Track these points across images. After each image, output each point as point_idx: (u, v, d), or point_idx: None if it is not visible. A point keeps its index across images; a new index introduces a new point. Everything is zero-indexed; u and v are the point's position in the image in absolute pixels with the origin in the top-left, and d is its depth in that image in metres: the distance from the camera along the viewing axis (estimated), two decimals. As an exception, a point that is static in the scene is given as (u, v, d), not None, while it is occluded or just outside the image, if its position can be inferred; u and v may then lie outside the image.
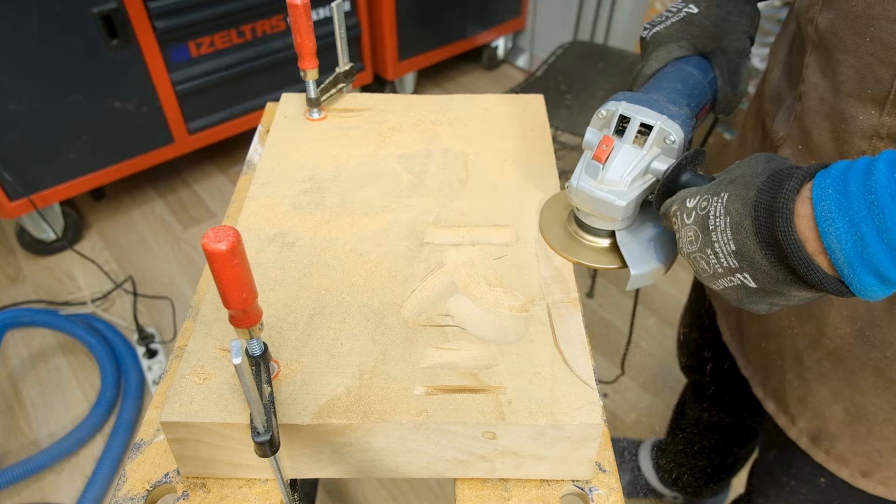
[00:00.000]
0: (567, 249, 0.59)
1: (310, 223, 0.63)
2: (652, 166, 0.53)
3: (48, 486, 1.40)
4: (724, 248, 0.43)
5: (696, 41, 0.59)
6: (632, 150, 0.53)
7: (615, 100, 0.54)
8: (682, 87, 0.56)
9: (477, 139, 0.74)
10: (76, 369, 1.63)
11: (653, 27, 0.60)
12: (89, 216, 2.07)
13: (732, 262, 0.43)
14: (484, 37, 2.59)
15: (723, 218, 0.43)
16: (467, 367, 0.49)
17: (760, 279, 0.42)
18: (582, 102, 1.71)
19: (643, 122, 0.52)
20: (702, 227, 0.45)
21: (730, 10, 0.59)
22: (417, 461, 0.48)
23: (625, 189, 0.53)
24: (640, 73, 0.60)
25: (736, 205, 0.42)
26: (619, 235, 0.57)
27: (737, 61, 0.59)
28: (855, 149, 0.54)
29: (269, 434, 0.41)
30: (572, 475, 0.49)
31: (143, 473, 0.49)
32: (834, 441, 0.66)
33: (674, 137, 0.51)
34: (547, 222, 0.62)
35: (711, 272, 0.45)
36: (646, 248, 0.57)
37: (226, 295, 0.39)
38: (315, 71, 0.74)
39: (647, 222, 0.58)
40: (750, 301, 0.45)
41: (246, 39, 1.93)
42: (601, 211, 0.54)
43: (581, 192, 0.54)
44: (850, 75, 0.53)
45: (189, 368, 0.49)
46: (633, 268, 0.55)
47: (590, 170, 0.54)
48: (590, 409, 0.46)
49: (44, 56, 1.59)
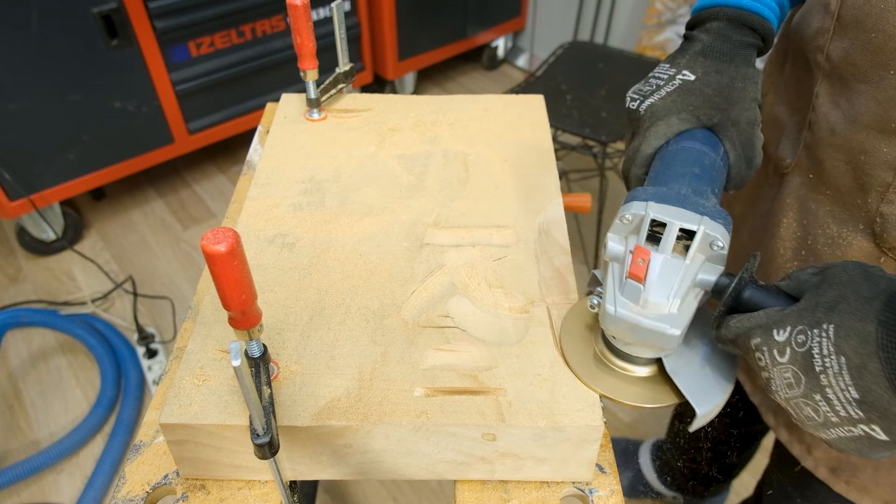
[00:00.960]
0: (600, 383, 0.48)
1: (310, 224, 0.62)
2: (699, 278, 0.44)
3: (48, 486, 1.40)
4: (840, 395, 0.36)
5: (700, 113, 0.51)
6: (673, 263, 0.44)
7: (637, 199, 0.45)
8: (700, 170, 0.48)
9: (477, 139, 0.74)
10: (76, 369, 1.63)
11: (644, 98, 0.52)
12: (89, 216, 2.06)
13: (854, 412, 0.36)
14: (484, 37, 2.59)
15: (834, 358, 0.35)
16: (467, 369, 0.49)
17: (895, 431, 0.35)
18: (582, 102, 1.71)
19: (682, 227, 0.43)
20: (804, 369, 0.37)
21: (732, 76, 0.51)
22: (417, 463, 0.48)
23: (675, 312, 0.43)
24: (638, 153, 0.52)
25: (852, 342, 0.35)
26: (667, 364, 0.47)
27: (749, 133, 0.51)
28: (877, 181, 0.53)
29: (268, 436, 0.40)
30: (572, 477, 0.49)
31: (142, 475, 0.49)
32: (855, 472, 0.65)
33: (721, 242, 0.43)
34: (569, 344, 0.51)
35: (821, 420, 0.38)
36: (702, 375, 0.47)
37: (225, 296, 0.39)
38: (315, 71, 0.74)
39: (692, 339, 0.49)
40: (873, 451, 0.38)
41: (246, 39, 1.93)
42: (649, 341, 0.45)
43: (622, 321, 0.44)
44: (870, 107, 0.51)
45: (188, 370, 0.49)
46: (699, 406, 0.45)
47: (628, 292, 0.44)
48: (590, 410, 0.46)
49: (44, 56, 1.59)
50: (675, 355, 0.48)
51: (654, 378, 0.49)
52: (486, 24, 2.55)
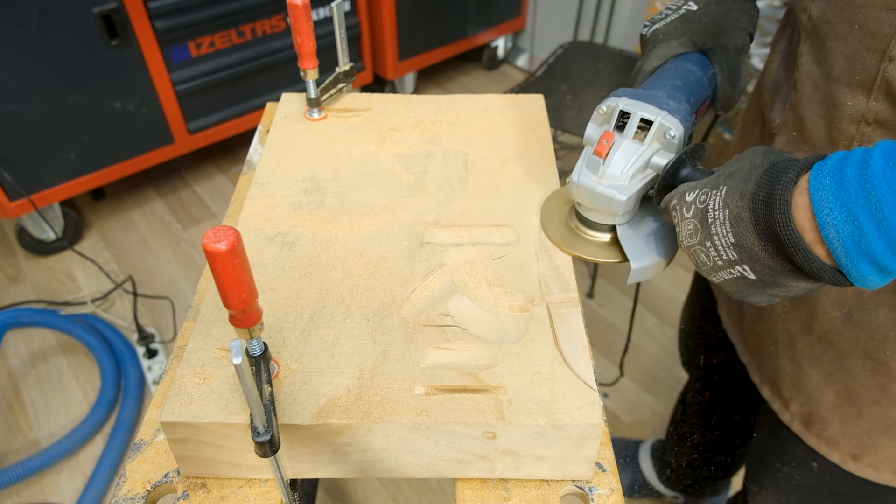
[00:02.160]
0: (568, 244, 0.59)
1: (310, 223, 0.63)
2: (652, 161, 0.53)
3: (48, 486, 1.40)
4: (723, 240, 0.43)
5: (696, 38, 0.59)
6: (632, 146, 0.53)
7: (615, 95, 0.55)
8: (682, 83, 0.57)
9: (477, 139, 0.74)
10: (76, 369, 1.63)
11: (652, 24, 0.61)
12: (89, 216, 2.07)
13: (732, 254, 0.43)
14: (484, 37, 2.59)
15: (721, 211, 0.43)
16: (467, 367, 0.49)
17: (759, 270, 0.42)
18: (582, 102, 1.71)
19: (643, 117, 0.52)
20: (701, 221, 0.45)
21: (729, 8, 0.59)
22: (417, 461, 0.48)
23: (625, 184, 0.53)
24: (639, 70, 0.61)
25: (734, 197, 0.42)
26: (619, 230, 0.58)
27: (736, 58, 0.59)
28: (844, 134, 0.55)
29: (269, 434, 0.41)
30: (572, 475, 0.49)
31: (143, 473, 0.49)
32: (825, 424, 0.67)
33: (674, 132, 0.52)
34: (548, 218, 0.62)
35: (711, 265, 0.46)
36: (646, 243, 0.57)
37: (226, 295, 0.39)
38: (315, 71, 0.74)
39: (647, 217, 0.58)
40: (750, 293, 0.45)
41: (246, 39, 1.93)
42: (602, 206, 0.55)
43: (582, 187, 0.55)
44: (839, 62, 0.54)
45: (189, 368, 0.49)
46: (634, 262, 0.56)
47: (590, 165, 0.55)
48: (590, 409, 0.46)
49: (44, 56, 1.59)
50: (627, 226, 0.58)
51: (611, 244, 0.59)
52: (486, 24, 2.55)
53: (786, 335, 0.68)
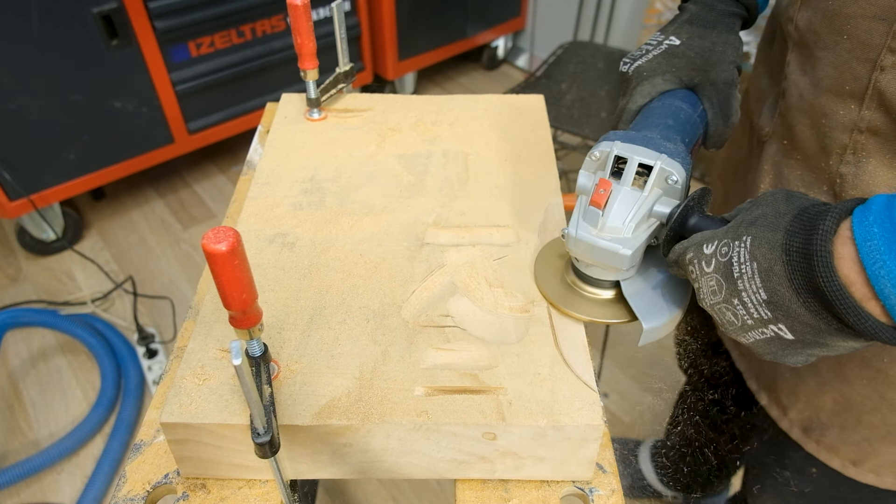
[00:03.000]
0: (567, 304, 0.54)
1: (310, 223, 0.62)
2: (655, 209, 0.49)
3: (48, 486, 1.40)
4: (753, 297, 0.40)
5: (682, 74, 0.57)
6: (632, 193, 0.49)
7: (607, 140, 0.51)
8: (674, 122, 0.53)
9: (477, 139, 0.74)
10: (76, 369, 1.63)
11: (633, 61, 0.58)
12: (89, 216, 2.06)
13: (764, 312, 0.40)
14: (484, 37, 2.59)
15: (748, 264, 0.39)
16: (467, 368, 0.49)
17: (799, 330, 0.39)
18: (582, 102, 1.71)
19: (642, 162, 0.49)
20: (725, 276, 0.41)
21: (713, 41, 0.57)
22: (418, 462, 0.48)
23: (629, 236, 0.49)
24: (625, 109, 0.58)
25: (762, 249, 0.39)
26: (624, 286, 0.53)
27: (726, 92, 0.56)
28: (836, 143, 0.55)
29: (269, 435, 0.40)
30: (573, 476, 0.49)
31: (143, 474, 0.49)
32: (824, 431, 0.67)
33: (676, 177, 0.48)
34: (542, 273, 0.57)
35: (740, 324, 0.42)
36: (655, 298, 0.53)
37: (226, 296, 0.39)
38: (315, 71, 0.74)
39: (651, 268, 0.54)
40: (785, 353, 0.41)
41: (246, 39, 1.93)
42: (605, 261, 0.50)
43: (581, 241, 0.50)
44: (828, 72, 0.53)
45: (189, 369, 0.49)
46: (646, 321, 0.51)
47: (588, 217, 0.50)
48: (590, 409, 0.46)
49: (44, 56, 1.59)
50: (632, 281, 0.53)
51: (615, 301, 0.55)
52: (486, 24, 2.55)
53: None
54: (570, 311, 0.53)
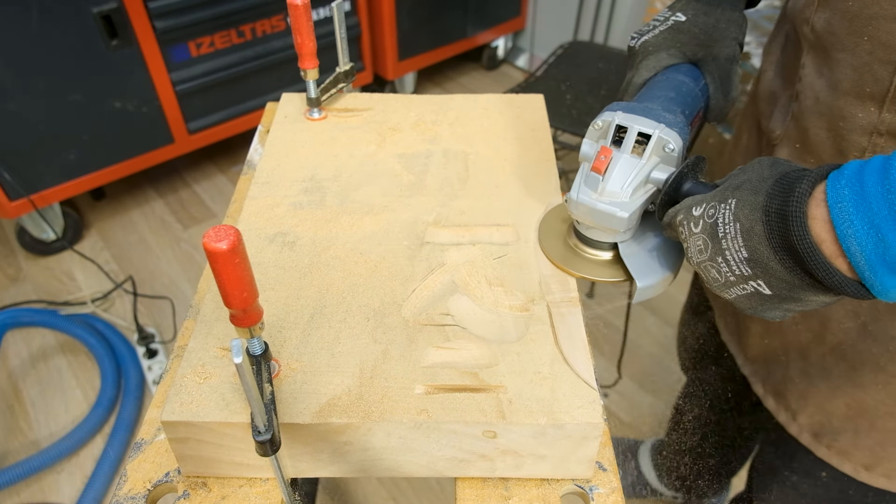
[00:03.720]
0: (568, 263, 0.58)
1: (310, 223, 0.63)
2: (652, 176, 0.52)
3: (48, 486, 1.40)
4: (735, 255, 0.42)
5: (686, 49, 0.59)
6: (631, 160, 0.52)
7: (610, 110, 0.53)
8: (676, 94, 0.56)
9: (477, 139, 0.74)
10: (76, 369, 1.63)
11: (640, 36, 0.60)
12: (89, 216, 2.07)
13: (745, 269, 0.42)
14: (484, 37, 2.60)
15: (732, 224, 0.42)
16: (468, 367, 0.49)
17: (776, 285, 0.41)
18: (582, 102, 1.71)
19: (641, 131, 0.51)
20: (711, 236, 0.44)
21: (717, 18, 0.59)
22: (418, 460, 0.48)
23: (626, 200, 0.52)
24: (630, 83, 0.59)
25: (745, 210, 0.41)
26: (621, 247, 0.56)
27: (727, 68, 0.58)
28: (854, 145, 0.55)
29: (269, 433, 0.41)
30: (573, 474, 0.49)
31: (143, 473, 0.49)
32: (836, 436, 0.67)
33: (672, 145, 0.51)
34: (546, 236, 0.60)
35: (723, 281, 0.44)
36: (650, 259, 0.55)
37: (227, 294, 0.39)
38: (315, 71, 0.74)
39: (648, 232, 0.57)
40: (764, 308, 0.44)
41: (246, 39, 1.93)
42: (603, 223, 0.53)
43: (581, 204, 0.53)
44: (848, 74, 0.53)
45: (190, 368, 0.49)
46: (639, 280, 0.54)
47: (589, 182, 0.53)
48: (590, 408, 0.46)
49: (44, 56, 1.60)
50: (629, 243, 0.56)
51: (613, 262, 0.58)
52: (486, 24, 2.55)
53: (797, 346, 0.67)
54: (571, 270, 0.57)
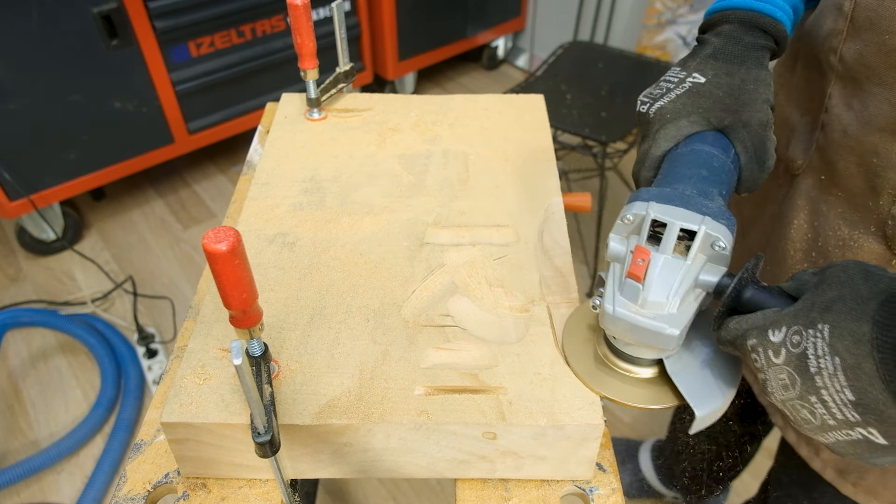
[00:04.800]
0: (601, 384, 0.48)
1: (310, 223, 0.62)
2: (700, 279, 0.43)
3: (48, 486, 1.40)
4: (836, 396, 0.35)
5: (710, 115, 0.50)
6: (674, 263, 0.43)
7: (640, 200, 0.45)
8: (708, 172, 0.47)
9: (477, 139, 0.74)
10: (76, 369, 1.63)
11: (653, 101, 0.52)
12: (89, 216, 2.06)
13: (851, 414, 0.35)
14: (484, 37, 2.59)
15: (829, 359, 0.35)
16: (468, 368, 0.49)
17: (894, 435, 0.34)
18: (582, 102, 1.71)
19: (683, 227, 0.43)
20: (799, 370, 0.37)
21: (743, 78, 0.51)
22: (418, 461, 0.48)
23: (674, 312, 0.43)
24: (648, 155, 0.51)
25: (846, 342, 0.34)
26: (668, 364, 0.47)
27: (761, 135, 0.50)
28: (889, 183, 0.53)
29: (269, 434, 0.41)
30: (573, 475, 0.49)
31: (143, 473, 0.49)
32: (863, 474, 0.64)
33: (724, 243, 0.43)
34: (571, 346, 0.51)
35: (819, 423, 0.37)
36: (704, 377, 0.47)
37: (226, 295, 0.39)
38: (315, 71, 0.74)
39: (695, 341, 0.48)
40: (874, 456, 0.37)
41: (246, 39, 1.93)
42: (648, 341, 0.44)
43: (620, 320, 0.44)
44: (884, 109, 0.51)
45: (189, 369, 0.49)
46: (698, 408, 0.45)
47: (626, 291, 0.44)
48: (590, 409, 0.46)
49: (44, 56, 1.59)
50: (676, 357, 0.47)
51: (656, 380, 0.49)
52: (486, 24, 2.55)
53: None
54: (606, 393, 0.48)
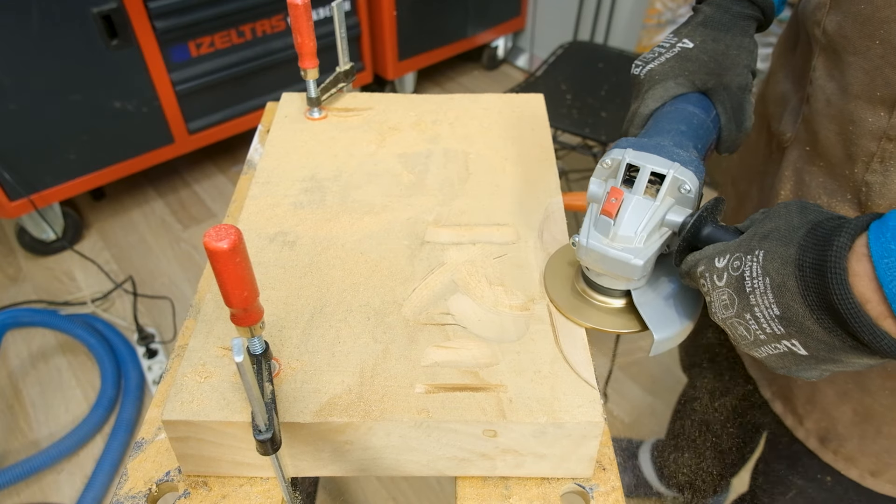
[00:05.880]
0: (577, 313, 0.53)
1: (310, 222, 0.63)
2: (667, 219, 0.48)
3: (48, 486, 1.40)
4: (765, 312, 0.39)
5: (695, 77, 0.55)
6: (644, 202, 0.48)
7: (619, 147, 0.50)
8: (687, 128, 0.52)
9: (477, 139, 0.74)
10: (76, 369, 1.63)
11: (645, 64, 0.57)
12: (89, 216, 2.07)
13: (777, 327, 0.39)
14: (484, 37, 2.60)
15: (761, 279, 0.39)
16: (468, 366, 0.49)
17: (813, 346, 0.38)
18: (582, 102, 1.71)
19: (654, 170, 0.48)
20: (737, 290, 0.41)
21: (728, 45, 0.55)
22: (418, 459, 0.49)
23: (640, 246, 0.48)
24: (636, 114, 0.57)
25: (775, 263, 0.38)
26: (635, 295, 0.52)
27: (740, 97, 0.55)
28: (863, 150, 0.54)
29: (270, 432, 0.41)
30: (573, 473, 0.49)
31: (144, 472, 0.49)
32: (842, 441, 0.66)
33: (689, 186, 0.47)
34: (552, 282, 0.56)
35: (752, 339, 0.41)
36: (666, 307, 0.52)
37: (227, 293, 0.39)
38: (315, 70, 0.74)
39: (663, 277, 0.53)
40: (799, 369, 0.41)
41: (246, 39, 1.94)
42: (616, 271, 0.49)
43: (592, 251, 0.49)
44: (859, 77, 0.52)
45: (190, 367, 0.49)
46: (657, 331, 0.50)
47: (599, 226, 0.49)
48: (590, 407, 0.46)
49: (44, 56, 1.60)
50: (643, 290, 0.53)
51: (626, 310, 0.54)
52: (486, 24, 2.55)
53: None
54: (580, 320, 0.53)
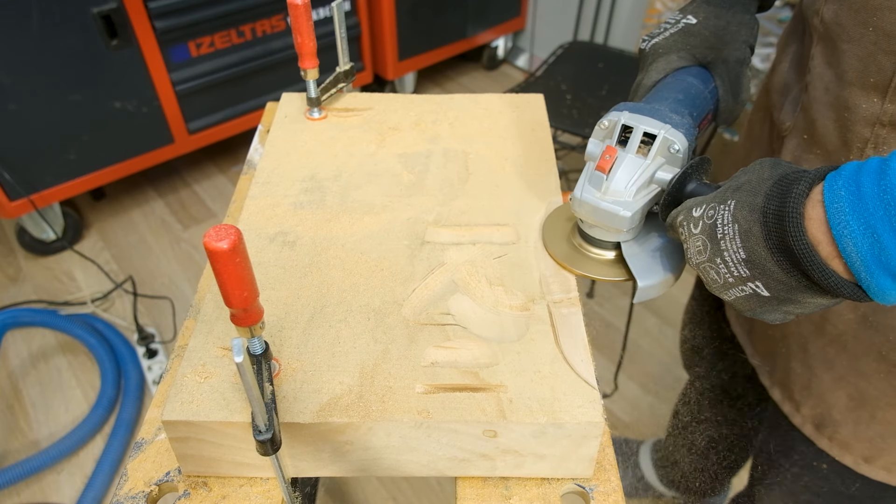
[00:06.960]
0: (572, 262, 0.58)
1: (310, 222, 0.63)
2: (656, 176, 0.52)
3: (48, 486, 1.40)
4: (733, 256, 0.42)
5: (696, 51, 0.59)
6: (636, 160, 0.52)
7: (617, 110, 0.54)
8: (684, 96, 0.56)
9: (477, 139, 0.74)
10: (76, 369, 1.63)
11: (651, 39, 0.60)
12: (89, 216, 2.07)
13: (743, 270, 0.42)
14: (484, 37, 2.60)
15: (731, 226, 0.42)
16: (468, 366, 0.49)
17: (773, 287, 0.41)
18: (582, 102, 1.71)
19: (646, 131, 0.52)
20: (710, 237, 0.44)
21: (728, 20, 0.59)
22: (418, 460, 0.48)
23: (629, 199, 0.52)
24: (640, 85, 0.60)
25: (744, 212, 0.41)
26: (624, 247, 0.56)
27: (737, 70, 0.59)
28: (858, 136, 0.55)
29: (270, 432, 0.41)
30: (573, 474, 0.49)
31: (144, 472, 0.49)
32: (837, 427, 0.67)
33: (678, 146, 0.51)
34: (550, 235, 0.61)
35: (722, 282, 0.45)
36: (652, 259, 0.56)
37: (227, 293, 0.39)
38: (315, 70, 0.74)
39: (652, 233, 0.57)
40: (763, 310, 0.44)
41: (246, 39, 1.94)
42: (606, 222, 0.53)
43: (585, 203, 0.54)
44: (853, 64, 0.54)
45: (190, 367, 0.49)
46: (641, 279, 0.54)
47: (593, 181, 0.53)
48: (590, 407, 0.46)
49: (44, 56, 1.60)
50: (632, 243, 0.56)
51: (616, 262, 0.58)
52: (486, 24, 2.55)
53: (798, 338, 0.67)
54: (574, 268, 0.57)
